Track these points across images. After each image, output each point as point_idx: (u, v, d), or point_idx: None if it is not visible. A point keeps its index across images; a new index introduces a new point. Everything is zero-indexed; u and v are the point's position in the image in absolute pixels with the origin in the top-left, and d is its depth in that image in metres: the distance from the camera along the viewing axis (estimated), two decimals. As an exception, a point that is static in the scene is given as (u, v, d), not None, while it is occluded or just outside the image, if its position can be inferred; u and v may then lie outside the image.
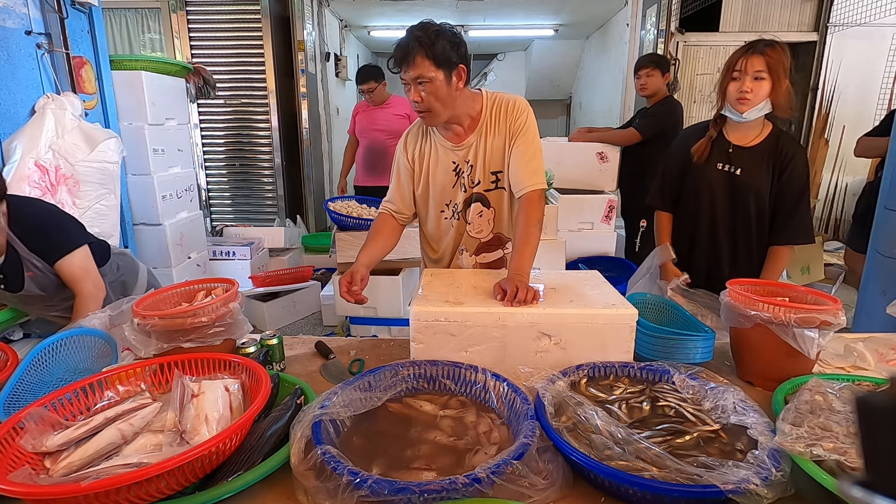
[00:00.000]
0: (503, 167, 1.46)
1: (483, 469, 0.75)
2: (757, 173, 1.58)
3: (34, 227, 1.45)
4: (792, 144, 1.57)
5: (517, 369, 1.10)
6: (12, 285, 1.49)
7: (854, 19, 4.18)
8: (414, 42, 1.28)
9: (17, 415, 0.85)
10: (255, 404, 0.86)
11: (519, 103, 1.45)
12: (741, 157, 1.61)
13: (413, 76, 1.30)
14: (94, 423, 0.87)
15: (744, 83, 1.50)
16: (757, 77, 1.48)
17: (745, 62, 1.49)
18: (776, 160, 1.57)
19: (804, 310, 1.08)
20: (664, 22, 4.36)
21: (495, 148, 1.44)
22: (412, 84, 1.31)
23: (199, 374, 1.03)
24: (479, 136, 1.44)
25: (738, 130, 1.62)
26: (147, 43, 4.80)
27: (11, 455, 0.80)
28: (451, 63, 1.31)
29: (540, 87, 7.98)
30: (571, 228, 3.08)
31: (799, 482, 0.78)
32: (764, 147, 1.58)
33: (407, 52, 1.29)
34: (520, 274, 1.26)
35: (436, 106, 1.34)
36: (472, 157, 1.45)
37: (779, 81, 1.48)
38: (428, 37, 1.27)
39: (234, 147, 4.99)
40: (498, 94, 1.47)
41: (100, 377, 0.98)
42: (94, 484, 0.69)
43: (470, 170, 1.46)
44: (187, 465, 0.75)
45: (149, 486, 0.73)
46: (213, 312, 1.18)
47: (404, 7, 5.58)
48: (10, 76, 2.14)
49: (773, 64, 1.47)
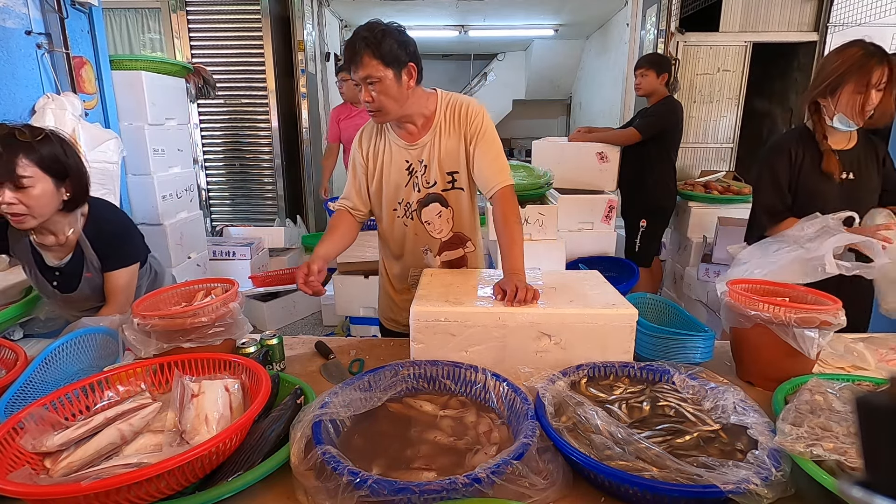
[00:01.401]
0: (459, 167, 1.46)
1: (483, 469, 0.75)
2: (867, 171, 1.56)
3: (110, 233, 1.49)
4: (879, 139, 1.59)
5: (517, 369, 1.10)
6: (67, 285, 1.50)
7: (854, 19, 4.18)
8: (360, 42, 1.28)
9: (16, 415, 0.85)
10: (255, 404, 0.86)
11: (473, 106, 1.45)
12: (847, 161, 1.56)
13: (362, 76, 1.30)
14: (93, 423, 0.87)
15: (870, 95, 1.43)
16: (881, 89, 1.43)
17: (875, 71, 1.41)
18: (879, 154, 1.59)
19: (804, 310, 1.08)
20: (664, 22, 4.35)
21: (450, 148, 1.44)
22: (362, 84, 1.32)
23: (199, 375, 1.03)
24: (433, 135, 1.44)
25: (836, 136, 1.56)
26: (147, 43, 4.80)
27: (11, 455, 0.80)
28: (399, 62, 1.31)
29: (540, 87, 7.98)
30: (571, 228, 3.08)
31: (799, 482, 0.78)
32: (864, 147, 1.59)
33: (354, 53, 1.29)
34: (516, 273, 1.27)
35: (387, 104, 1.34)
36: (427, 157, 1.45)
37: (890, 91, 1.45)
38: (374, 36, 1.28)
39: (233, 147, 4.99)
40: (452, 95, 1.47)
41: (100, 377, 0.98)
42: (94, 484, 0.69)
43: (424, 169, 1.46)
44: (187, 465, 0.75)
45: (149, 486, 0.73)
46: (213, 312, 1.18)
47: (404, 7, 5.58)
48: (10, 76, 2.14)
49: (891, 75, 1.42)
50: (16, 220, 1.31)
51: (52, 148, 1.33)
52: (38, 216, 1.33)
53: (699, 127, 4.63)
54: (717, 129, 4.62)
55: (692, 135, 4.60)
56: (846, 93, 1.45)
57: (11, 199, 1.27)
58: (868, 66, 1.41)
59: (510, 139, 8.86)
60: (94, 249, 1.47)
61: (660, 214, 3.24)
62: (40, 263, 1.48)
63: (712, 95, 4.56)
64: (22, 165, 1.27)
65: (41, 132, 1.33)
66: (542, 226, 2.69)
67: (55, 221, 1.40)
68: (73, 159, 1.38)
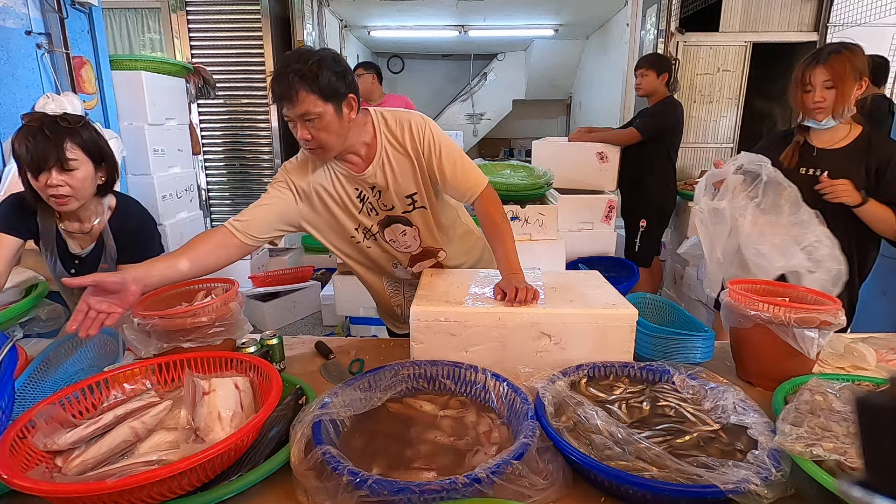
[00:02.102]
0: (417, 188, 1.36)
1: (483, 469, 0.75)
2: (844, 173, 1.54)
3: (133, 229, 1.54)
4: (886, 143, 1.56)
5: (517, 369, 1.10)
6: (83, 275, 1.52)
7: (854, 19, 4.18)
8: (294, 76, 1.13)
9: (27, 413, 0.84)
10: (270, 399, 0.87)
11: (415, 123, 1.32)
12: (827, 159, 1.59)
13: (298, 113, 1.16)
14: (103, 421, 0.87)
15: (815, 94, 1.51)
16: (827, 87, 1.49)
17: (812, 74, 1.51)
18: (871, 161, 1.54)
19: (804, 310, 1.08)
20: (664, 22, 4.35)
21: (402, 172, 1.34)
22: (297, 121, 1.18)
23: (206, 373, 1.03)
24: (380, 162, 1.32)
25: (822, 135, 1.62)
26: (147, 43, 4.80)
27: (24, 454, 0.80)
28: (339, 94, 1.18)
29: (540, 87, 7.97)
30: (571, 228, 3.08)
31: (799, 482, 0.78)
32: (854, 148, 1.57)
33: (288, 88, 1.13)
34: (514, 272, 1.25)
35: (328, 141, 1.21)
36: (379, 184, 1.34)
37: (844, 88, 1.48)
38: (309, 69, 1.13)
39: (233, 147, 4.99)
40: (387, 116, 1.34)
41: (105, 376, 0.98)
42: (121, 481, 0.69)
43: (378, 195, 1.36)
44: (211, 461, 0.76)
45: (172, 482, 0.73)
46: (213, 312, 1.19)
47: (404, 7, 5.57)
48: (10, 76, 2.14)
49: (838, 72, 1.47)
50: (60, 201, 1.36)
51: (91, 133, 1.40)
52: (80, 198, 1.39)
53: (699, 127, 4.63)
54: (717, 129, 4.62)
55: (692, 135, 4.60)
56: (800, 94, 1.56)
57: (59, 181, 1.33)
58: (810, 68, 1.51)
59: (510, 139, 8.86)
60: (115, 241, 1.51)
61: (660, 214, 3.24)
62: (63, 251, 1.52)
63: (712, 95, 4.56)
64: (68, 149, 1.33)
65: (81, 118, 1.40)
66: (542, 226, 2.69)
67: (86, 207, 1.46)
68: (106, 145, 1.45)
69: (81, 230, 1.50)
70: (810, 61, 1.52)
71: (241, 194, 5.11)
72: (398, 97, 3.77)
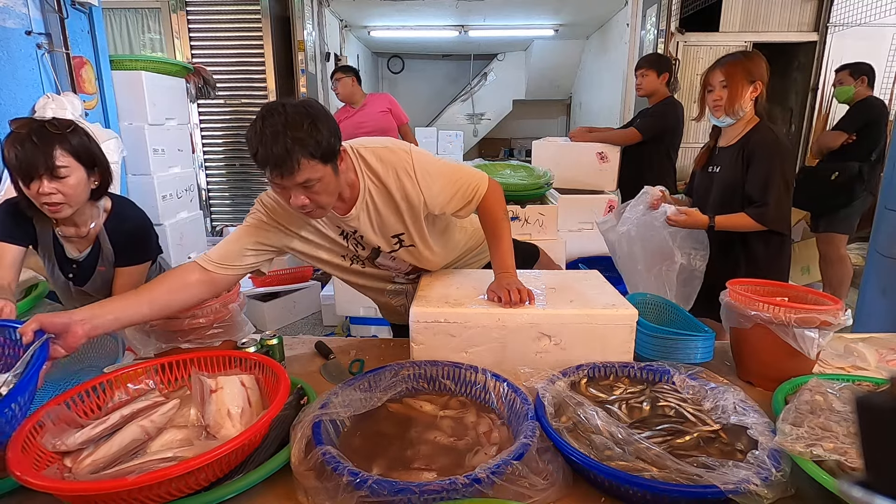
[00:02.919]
0: (405, 228, 1.29)
1: (483, 469, 0.75)
2: (730, 168, 1.72)
3: (130, 230, 1.52)
4: (759, 136, 1.68)
5: (517, 370, 1.10)
6: (82, 278, 1.53)
7: (854, 19, 4.18)
8: (293, 145, 1.01)
9: (35, 413, 0.84)
10: (280, 395, 0.87)
11: (399, 160, 1.22)
12: (722, 156, 1.79)
13: (298, 182, 1.04)
14: (110, 421, 0.87)
15: (714, 93, 1.71)
16: (724, 86, 1.68)
17: (710, 75, 1.72)
18: (746, 152, 1.69)
19: (804, 310, 1.08)
20: (664, 22, 4.36)
21: (387, 213, 1.26)
22: (293, 189, 1.06)
23: (210, 372, 1.03)
24: (363, 206, 1.23)
25: (725, 133, 1.79)
26: (147, 43, 4.80)
27: (34, 454, 0.80)
28: (335, 153, 1.09)
29: (540, 87, 7.97)
30: (571, 228, 3.08)
31: (799, 482, 0.78)
32: (740, 143, 1.72)
33: (287, 158, 1.01)
34: (506, 272, 1.25)
35: (326, 202, 1.12)
36: (362, 229, 1.27)
37: (735, 88, 1.65)
38: (308, 134, 1.02)
39: (233, 147, 4.99)
40: (366, 154, 1.23)
41: (110, 376, 0.98)
42: (143, 477, 0.69)
43: (360, 238, 1.30)
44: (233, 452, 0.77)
45: (189, 478, 0.74)
46: (212, 314, 1.19)
47: (404, 7, 5.57)
48: (10, 76, 2.14)
49: (731, 73, 1.66)
50: (53, 209, 1.34)
51: (81, 138, 1.37)
52: (74, 204, 1.37)
53: (699, 127, 4.63)
54: (717, 129, 4.63)
55: (692, 135, 4.60)
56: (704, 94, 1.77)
57: (50, 188, 1.30)
58: (708, 71, 1.73)
59: (510, 139, 8.86)
60: (111, 243, 1.50)
61: (660, 214, 3.24)
62: (60, 256, 1.51)
63: (711, 96, 4.56)
64: (58, 156, 1.30)
65: (70, 123, 1.37)
66: (542, 226, 2.69)
67: (81, 212, 1.44)
68: (98, 149, 1.42)
69: (78, 234, 1.48)
70: (713, 65, 1.73)
71: (241, 194, 5.11)
72: (381, 95, 3.76)
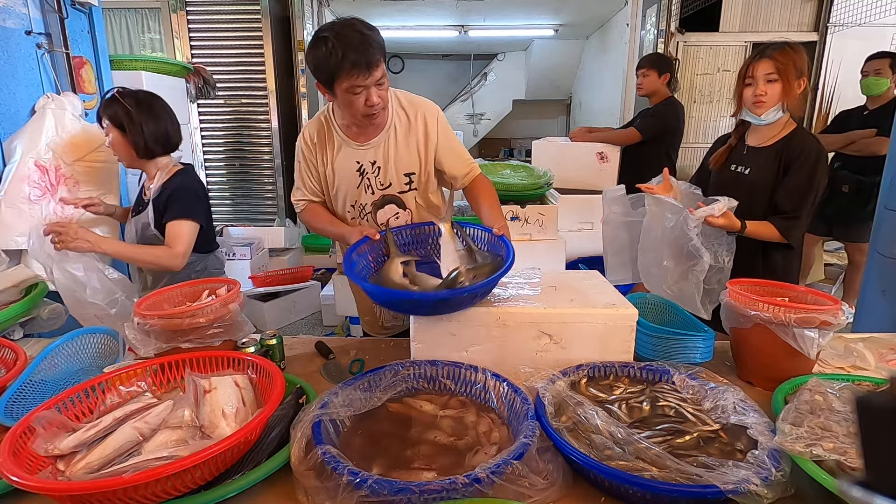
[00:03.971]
0: (416, 168, 1.42)
1: (483, 469, 0.75)
2: (763, 171, 1.57)
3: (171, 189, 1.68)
4: (802, 142, 1.54)
5: (517, 369, 1.10)
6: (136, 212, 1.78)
7: (854, 19, 4.18)
8: (376, 46, 1.20)
9: (26, 418, 0.84)
10: (276, 393, 0.88)
11: (428, 108, 1.42)
12: (753, 157, 1.62)
13: (376, 78, 1.23)
14: (103, 424, 0.87)
15: (757, 87, 1.52)
16: (769, 80, 1.51)
17: (755, 67, 1.52)
18: (784, 158, 1.55)
19: (804, 310, 1.08)
20: (664, 22, 4.35)
21: (407, 149, 1.40)
22: (372, 87, 1.23)
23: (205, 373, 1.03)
24: (387, 135, 1.38)
25: (758, 133, 1.63)
26: (147, 43, 4.80)
27: (26, 459, 0.80)
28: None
29: (540, 87, 7.97)
30: (571, 228, 3.08)
31: (799, 482, 0.78)
32: (777, 146, 1.58)
33: (373, 57, 1.19)
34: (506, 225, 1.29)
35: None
36: (380, 158, 1.39)
37: (789, 83, 1.50)
38: (377, 37, 1.22)
39: (233, 147, 4.99)
40: (401, 95, 1.42)
41: (101, 379, 0.98)
42: (139, 475, 0.70)
43: (377, 171, 1.40)
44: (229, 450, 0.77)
45: (185, 476, 0.74)
46: (212, 314, 1.18)
47: (404, 7, 5.57)
48: (10, 76, 2.14)
49: (782, 66, 1.49)
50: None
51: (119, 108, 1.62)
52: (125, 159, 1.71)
53: (699, 127, 4.63)
54: (717, 129, 4.62)
55: (692, 135, 4.60)
56: (742, 88, 1.58)
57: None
58: (753, 61, 1.53)
59: (510, 139, 8.85)
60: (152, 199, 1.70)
61: (660, 214, 3.24)
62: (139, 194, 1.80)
63: (712, 95, 4.56)
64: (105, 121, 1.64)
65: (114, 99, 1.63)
66: (542, 226, 2.69)
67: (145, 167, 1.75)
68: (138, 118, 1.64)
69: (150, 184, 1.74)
70: (755, 55, 1.54)
71: (241, 194, 5.11)
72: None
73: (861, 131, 2.96)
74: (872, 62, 2.96)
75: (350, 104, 1.26)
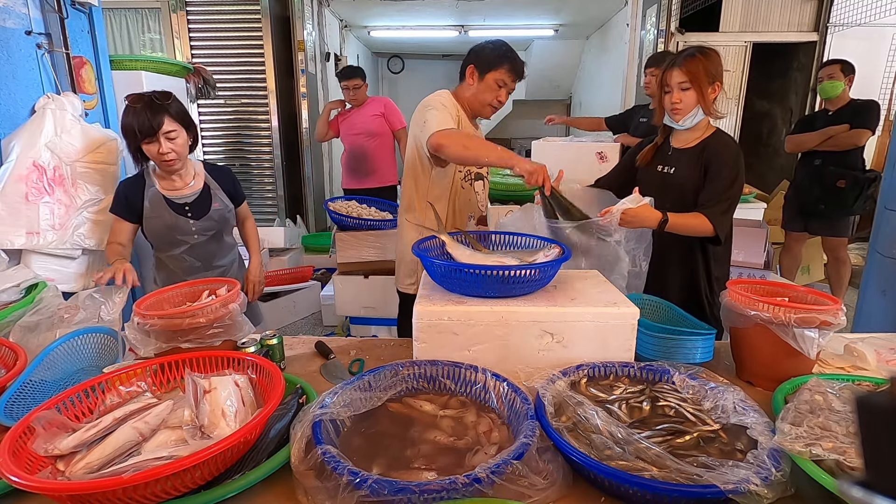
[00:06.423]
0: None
1: (483, 469, 0.75)
2: (686, 171, 1.65)
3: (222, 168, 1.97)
4: (718, 145, 1.61)
5: (519, 368, 1.10)
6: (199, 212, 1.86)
7: (854, 19, 4.18)
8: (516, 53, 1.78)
9: (26, 418, 0.84)
10: (276, 392, 0.88)
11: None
12: (677, 158, 1.69)
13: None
14: (103, 424, 0.87)
15: (672, 95, 1.58)
16: (682, 88, 1.56)
17: (669, 76, 1.58)
18: (704, 160, 1.61)
19: (804, 310, 1.08)
20: (664, 22, 4.36)
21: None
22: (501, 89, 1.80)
23: (205, 373, 1.03)
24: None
25: (680, 135, 1.70)
26: (147, 43, 4.80)
27: (26, 459, 0.80)
28: None
29: (540, 87, 7.97)
30: (571, 228, 3.07)
31: (799, 482, 0.78)
32: (698, 148, 1.65)
33: (520, 62, 1.78)
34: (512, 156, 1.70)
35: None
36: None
37: (701, 89, 1.54)
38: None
39: (234, 147, 4.99)
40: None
41: (101, 379, 0.98)
42: (139, 475, 0.70)
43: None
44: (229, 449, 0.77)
45: (185, 476, 0.74)
46: (212, 314, 1.19)
47: (404, 7, 5.58)
48: (10, 76, 2.14)
49: (692, 75, 1.53)
50: (169, 163, 1.70)
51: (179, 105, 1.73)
52: (183, 157, 1.76)
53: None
54: (717, 129, 4.62)
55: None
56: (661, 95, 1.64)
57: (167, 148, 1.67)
58: (666, 70, 1.59)
59: (510, 139, 8.86)
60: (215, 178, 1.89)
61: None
62: (172, 204, 1.82)
63: (712, 95, 4.56)
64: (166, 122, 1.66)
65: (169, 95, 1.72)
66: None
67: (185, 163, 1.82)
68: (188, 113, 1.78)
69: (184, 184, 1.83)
70: (668, 64, 1.59)
71: (241, 194, 5.11)
72: (380, 99, 3.83)
73: (836, 127, 3.15)
74: (826, 69, 3.23)
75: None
